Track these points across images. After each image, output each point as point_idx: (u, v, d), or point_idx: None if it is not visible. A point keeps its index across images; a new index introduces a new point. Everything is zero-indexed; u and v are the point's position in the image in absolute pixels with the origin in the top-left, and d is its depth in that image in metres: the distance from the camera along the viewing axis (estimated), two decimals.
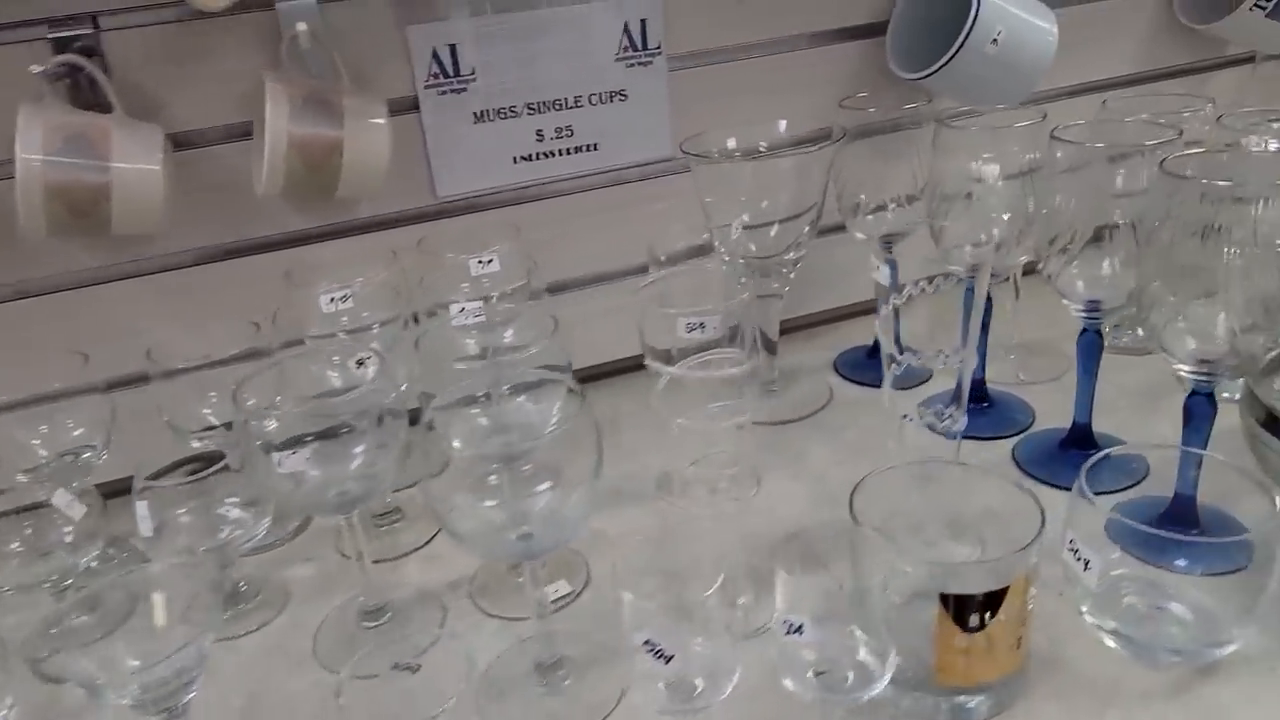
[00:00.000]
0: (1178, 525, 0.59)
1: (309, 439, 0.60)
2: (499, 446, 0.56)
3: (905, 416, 0.62)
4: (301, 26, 0.71)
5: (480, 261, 0.76)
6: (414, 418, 0.57)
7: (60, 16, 0.69)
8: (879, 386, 0.63)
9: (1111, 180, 0.63)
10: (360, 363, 0.64)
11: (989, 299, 0.63)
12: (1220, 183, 0.53)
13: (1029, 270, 0.79)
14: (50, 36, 0.69)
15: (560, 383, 0.56)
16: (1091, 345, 0.70)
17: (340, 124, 0.70)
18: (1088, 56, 0.98)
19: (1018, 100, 0.85)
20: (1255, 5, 0.91)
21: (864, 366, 0.92)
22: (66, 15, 0.69)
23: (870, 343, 0.93)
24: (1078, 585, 0.52)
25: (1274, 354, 0.60)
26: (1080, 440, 0.74)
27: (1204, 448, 0.59)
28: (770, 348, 0.87)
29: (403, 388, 0.68)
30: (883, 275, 0.66)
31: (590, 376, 0.87)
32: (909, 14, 0.88)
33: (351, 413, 0.60)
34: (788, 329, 0.93)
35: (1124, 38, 0.99)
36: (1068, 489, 0.52)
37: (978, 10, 0.79)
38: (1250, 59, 1.03)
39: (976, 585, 0.48)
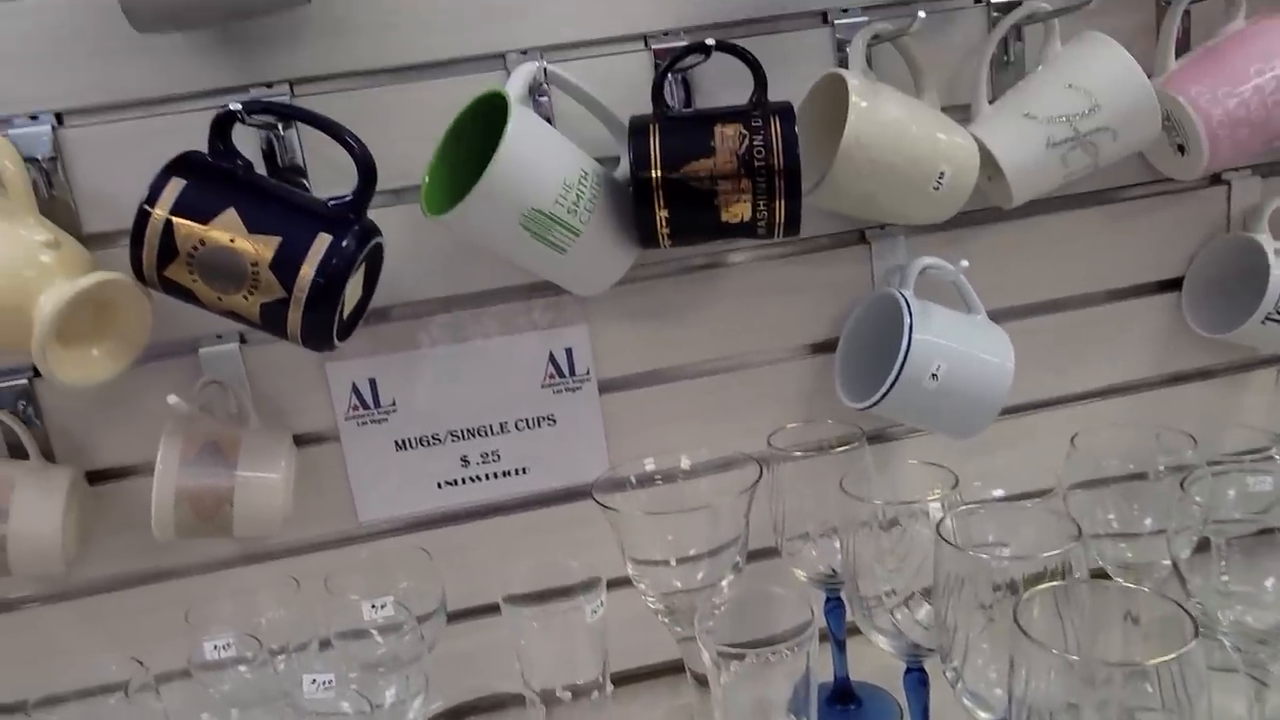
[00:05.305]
0: None
1: None
2: None
3: None
4: (206, 379, 0.74)
5: (374, 606, 0.73)
6: None
7: None
8: None
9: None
10: None
11: None
12: None
13: None
14: None
15: None
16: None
17: (232, 475, 0.71)
18: (1097, 362, 0.90)
19: (975, 433, 0.78)
20: (1268, 318, 0.82)
21: None
22: None
23: None
24: None
25: None
26: None
27: None
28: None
29: None
30: None
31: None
32: (858, 337, 0.83)
33: None
34: None
35: (1137, 342, 0.91)
36: None
37: (909, 346, 0.73)
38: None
39: None
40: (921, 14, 0.70)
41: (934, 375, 0.74)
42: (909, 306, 0.75)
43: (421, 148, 0.70)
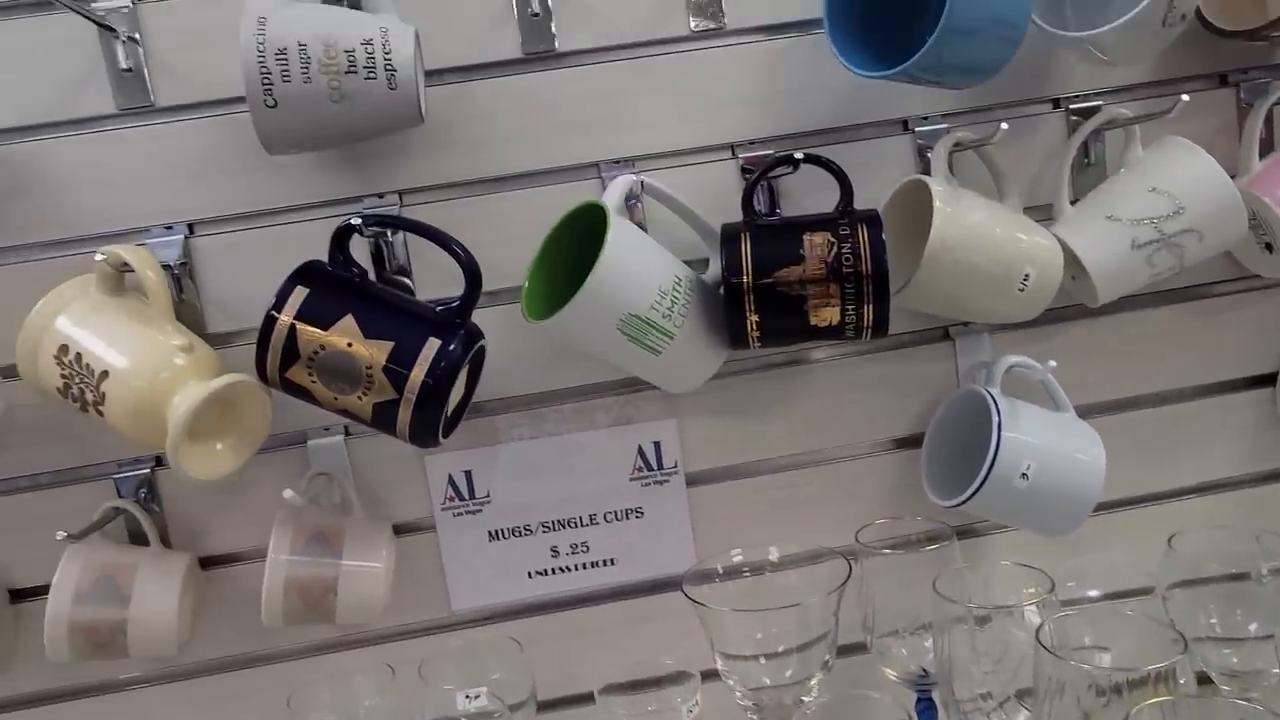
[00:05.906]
0: None
1: None
2: None
3: None
4: (314, 472, 0.77)
5: (468, 696, 0.75)
6: None
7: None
8: None
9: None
10: None
11: None
12: None
13: None
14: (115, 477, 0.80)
15: None
16: None
17: (338, 565, 0.74)
18: (1190, 459, 0.89)
19: (1067, 532, 0.77)
20: None
21: None
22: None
23: None
24: None
25: None
26: None
27: None
28: None
29: None
30: None
31: None
32: (944, 434, 0.83)
33: None
34: None
35: (1230, 439, 0.89)
36: None
37: (998, 445, 0.74)
38: None
39: None
40: (1004, 125, 0.72)
41: (1024, 475, 0.74)
42: (997, 405, 0.75)
43: (519, 253, 0.74)
